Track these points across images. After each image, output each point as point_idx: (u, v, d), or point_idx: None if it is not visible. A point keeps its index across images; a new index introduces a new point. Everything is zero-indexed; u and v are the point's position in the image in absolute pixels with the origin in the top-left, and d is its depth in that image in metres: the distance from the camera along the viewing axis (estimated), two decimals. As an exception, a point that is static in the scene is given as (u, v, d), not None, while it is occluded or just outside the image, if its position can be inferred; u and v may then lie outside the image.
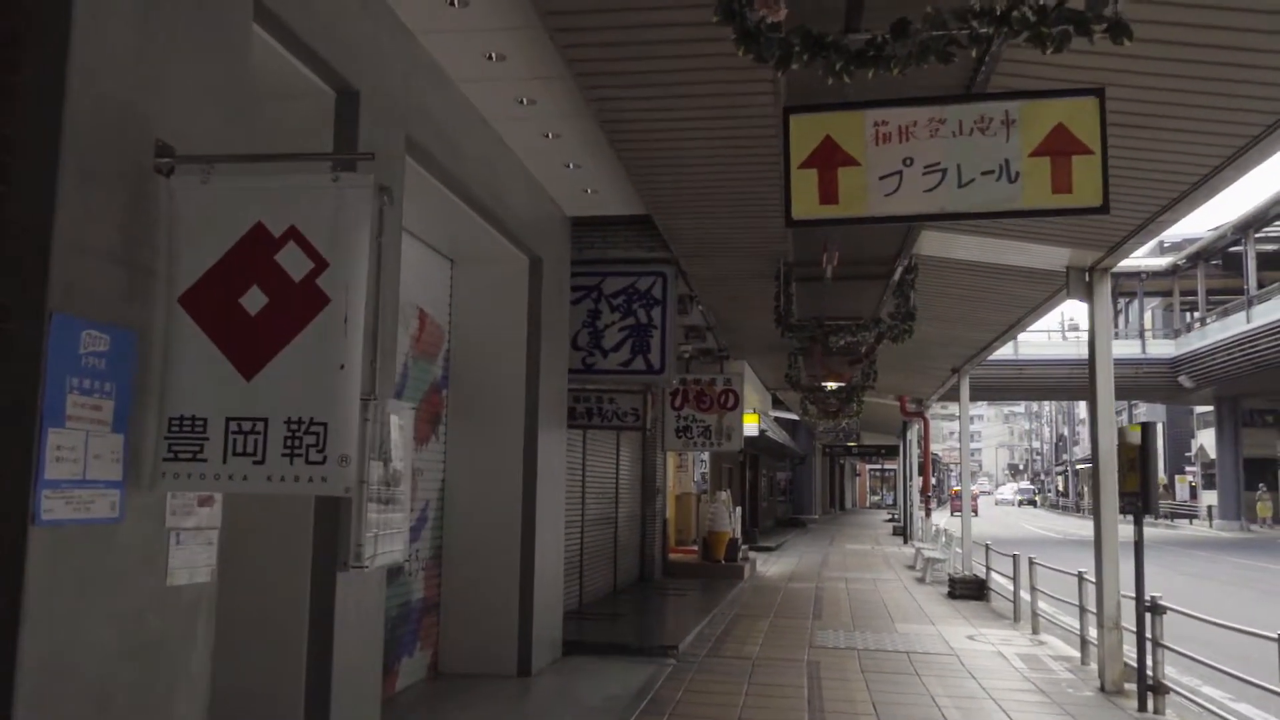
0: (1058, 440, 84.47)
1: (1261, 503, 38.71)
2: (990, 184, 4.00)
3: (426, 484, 7.81)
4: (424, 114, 5.78)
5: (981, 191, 4.01)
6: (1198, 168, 6.05)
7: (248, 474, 3.22)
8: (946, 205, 4.03)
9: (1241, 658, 8.06)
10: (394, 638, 7.19)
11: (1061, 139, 3.97)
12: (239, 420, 3.24)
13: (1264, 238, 34.92)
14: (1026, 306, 11.20)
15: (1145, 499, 7.55)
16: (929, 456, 28.10)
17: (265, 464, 3.21)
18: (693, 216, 8.10)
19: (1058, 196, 3.96)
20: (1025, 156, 4.02)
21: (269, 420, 3.24)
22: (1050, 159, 3.98)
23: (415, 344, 7.53)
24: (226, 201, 3.33)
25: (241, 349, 3.26)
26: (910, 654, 9.90)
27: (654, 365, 9.84)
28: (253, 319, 3.26)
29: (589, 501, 12.82)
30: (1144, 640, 7.69)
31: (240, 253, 3.29)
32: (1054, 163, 3.97)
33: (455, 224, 7.32)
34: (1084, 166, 3.95)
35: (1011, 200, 4.01)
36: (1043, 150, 3.99)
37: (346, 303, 3.34)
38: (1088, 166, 3.94)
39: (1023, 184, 3.98)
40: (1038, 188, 3.97)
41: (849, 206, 4.06)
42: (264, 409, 3.24)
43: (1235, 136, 5.57)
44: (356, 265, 3.36)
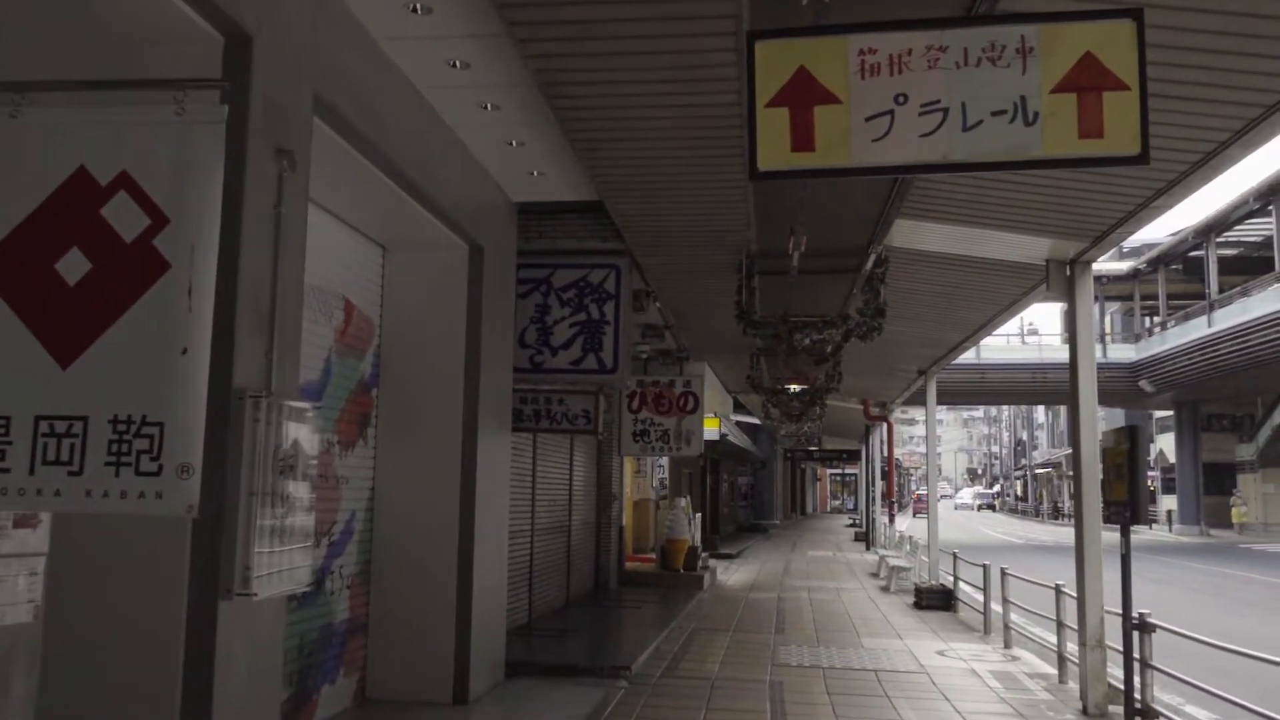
0: (1016, 445, 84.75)
1: (1236, 508, 38.53)
2: (1003, 127, 3.30)
3: (353, 492, 7.07)
4: (338, 72, 5.07)
5: (992, 136, 3.31)
6: (1205, 142, 5.46)
7: (61, 488, 2.51)
8: (949, 153, 3.33)
9: (1224, 672, 7.57)
10: (312, 664, 6.45)
11: (1091, 71, 3.28)
12: (51, 419, 2.54)
13: (1225, 242, 34.90)
14: (1001, 303, 10.64)
15: (1134, 508, 6.96)
16: (893, 461, 27.65)
17: (84, 475, 2.51)
18: (647, 200, 7.43)
19: (1086, 142, 3.26)
20: (1046, 93, 3.30)
21: (89, 419, 2.53)
22: (1077, 96, 3.29)
23: (340, 337, 6.79)
24: (40, 140, 2.62)
25: (56, 328, 2.55)
26: (878, 672, 9.29)
27: (606, 364, 9.15)
28: (71, 290, 2.55)
29: (539, 509, 12.11)
30: (1131, 660, 7.12)
31: (56, 205, 2.58)
32: (1082, 100, 3.27)
33: (384, 206, 6.60)
34: (1118, 105, 3.26)
35: (1029, 147, 3.30)
36: (1068, 85, 3.29)
37: (191, 269, 2.62)
38: (1123, 105, 3.26)
39: (1043, 127, 3.28)
40: (1062, 132, 3.27)
41: (828, 154, 3.35)
42: (83, 405, 2.53)
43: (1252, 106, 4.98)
44: (205, 222, 2.64)
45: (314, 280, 6.31)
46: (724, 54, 4.78)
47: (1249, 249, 36.04)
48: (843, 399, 20.67)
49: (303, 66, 4.63)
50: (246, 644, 4.15)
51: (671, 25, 4.62)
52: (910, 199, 7.24)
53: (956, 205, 7.47)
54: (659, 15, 4.55)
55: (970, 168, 3.49)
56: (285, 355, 4.43)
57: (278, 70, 4.37)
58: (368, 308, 7.26)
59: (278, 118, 4.35)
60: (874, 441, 30.41)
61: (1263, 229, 32.93)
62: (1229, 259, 35.67)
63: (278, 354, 4.31)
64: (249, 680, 4.20)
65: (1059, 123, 3.30)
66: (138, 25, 3.96)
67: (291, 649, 6.14)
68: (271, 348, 4.28)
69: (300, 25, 4.64)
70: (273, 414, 4.17)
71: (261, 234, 4.22)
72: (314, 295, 6.35)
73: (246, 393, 4.04)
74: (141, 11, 3.86)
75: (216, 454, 3.95)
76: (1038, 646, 10.55)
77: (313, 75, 4.74)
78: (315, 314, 6.39)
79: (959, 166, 3.42)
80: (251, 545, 4.01)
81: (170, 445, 2.58)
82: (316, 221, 6.35)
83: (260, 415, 4.08)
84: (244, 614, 4.09)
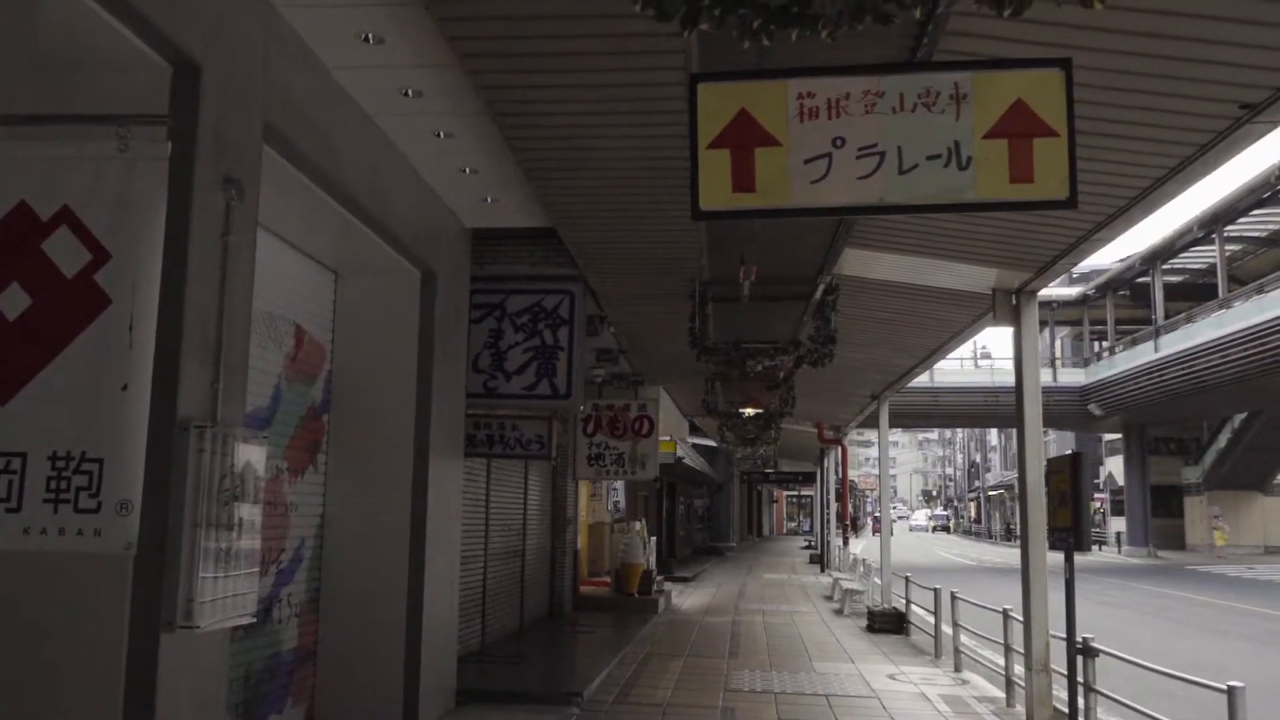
0: (970, 467, 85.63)
1: (1219, 531, 38.96)
2: (937, 170, 3.40)
3: (303, 519, 7.00)
4: (288, 101, 5.07)
5: (926, 180, 3.40)
6: (1140, 180, 5.62)
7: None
8: (885, 195, 3.42)
9: (1166, 694, 7.70)
10: (259, 694, 6.38)
11: (1021, 118, 3.38)
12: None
13: (1171, 269, 35.66)
14: (950, 331, 10.81)
15: (1078, 535, 7.08)
16: (847, 483, 27.83)
17: (22, 512, 2.50)
18: (600, 228, 7.49)
19: (1017, 186, 3.37)
20: (979, 139, 3.40)
21: (28, 455, 2.52)
22: (1008, 142, 3.38)
23: (290, 364, 6.75)
24: (-20, 174, 2.61)
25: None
26: (830, 697, 9.34)
27: (560, 390, 9.17)
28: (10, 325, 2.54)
29: (493, 534, 12.06)
30: (1075, 684, 7.23)
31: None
32: (1012, 146, 3.36)
33: (336, 232, 6.59)
34: (1048, 151, 3.36)
35: (962, 190, 3.40)
36: (999, 131, 3.39)
37: (133, 304, 2.62)
38: (1052, 151, 3.35)
39: (975, 171, 3.37)
40: (993, 176, 3.37)
41: (768, 195, 3.42)
42: (21, 441, 2.52)
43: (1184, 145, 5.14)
44: (147, 257, 2.65)
45: (264, 306, 6.28)
46: (674, 88, 4.85)
47: (1194, 276, 36.86)
48: (797, 422, 20.79)
49: (252, 95, 4.63)
50: (190, 676, 4.11)
51: (622, 60, 4.68)
52: (859, 230, 7.35)
53: (905, 236, 7.60)
54: (610, 50, 4.61)
55: (906, 210, 3.57)
56: (231, 384, 4.41)
57: (227, 99, 4.37)
58: (319, 333, 7.23)
59: (226, 146, 4.35)
60: (829, 464, 30.62)
61: (1207, 256, 33.70)
62: (1174, 285, 36.45)
63: (224, 383, 4.29)
64: (192, 713, 4.16)
65: (991, 167, 3.39)
66: (84, 54, 3.95)
67: (238, 679, 6.07)
68: (218, 377, 4.26)
69: (250, 54, 4.64)
70: (217, 444, 4.15)
71: (208, 263, 4.21)
72: (264, 321, 6.31)
73: (191, 423, 4.01)
74: (88, 40, 3.84)
75: (160, 485, 3.92)
76: (987, 670, 10.66)
77: (263, 104, 4.74)
78: (265, 340, 6.35)
79: (895, 209, 3.50)
80: (195, 576, 3.98)
81: (109, 481, 2.57)
82: (268, 247, 6.32)
83: (205, 445, 4.05)
84: (187, 645, 4.05)
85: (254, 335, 6.18)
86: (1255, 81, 4.48)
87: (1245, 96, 4.60)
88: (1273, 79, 4.41)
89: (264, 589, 6.41)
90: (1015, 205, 3.47)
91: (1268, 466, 42.34)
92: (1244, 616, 18.75)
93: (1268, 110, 4.63)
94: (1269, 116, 4.68)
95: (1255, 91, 4.56)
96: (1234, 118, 4.73)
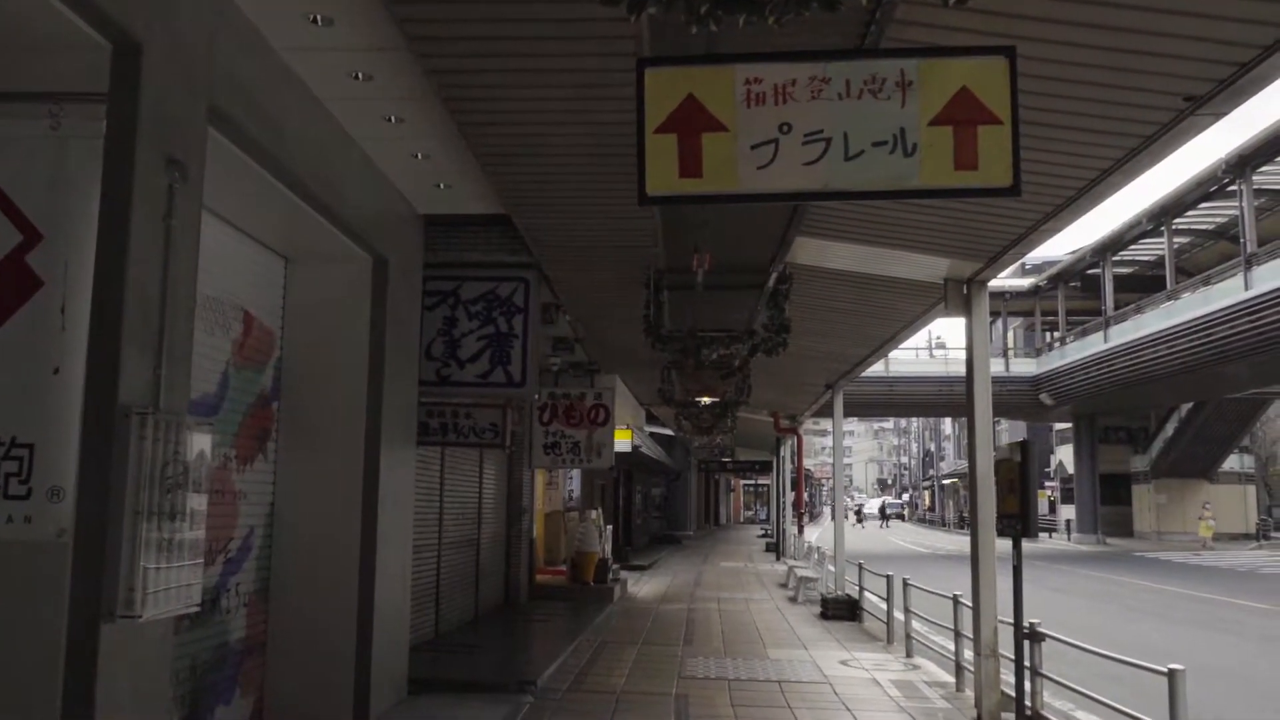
0: (925, 456, 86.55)
1: (1204, 522, 39.46)
2: (883, 157, 3.41)
3: (252, 508, 6.92)
4: (235, 83, 4.98)
5: (872, 166, 3.41)
6: (1087, 171, 5.69)
7: (-77, 512, 2.42)
8: (831, 182, 3.42)
9: (1113, 678, 7.84)
10: (206, 685, 6.29)
11: (966, 105, 3.40)
12: (-86, 441, 2.45)
13: (1120, 261, 36.18)
14: (903, 320, 10.90)
15: (1025, 522, 7.19)
16: (802, 472, 28.01)
17: (-51, 499, 2.43)
18: (554, 214, 7.45)
19: (961, 174, 3.39)
20: (924, 125, 3.41)
21: (-44, 441, 2.46)
22: (953, 129, 3.40)
23: (238, 350, 6.65)
24: (-94, 153, 2.54)
25: (-79, 346, 2.47)
26: (782, 683, 9.41)
27: (514, 378, 9.12)
28: (-63, 307, 2.48)
29: (448, 523, 11.99)
30: (1022, 669, 7.35)
31: (-77, 220, 2.50)
32: (957, 133, 3.38)
33: (286, 217, 6.50)
34: (992, 139, 3.38)
35: (907, 177, 3.41)
36: (944, 119, 3.40)
37: (65, 286, 2.56)
38: (996, 139, 3.38)
39: (920, 158, 3.39)
40: (938, 163, 3.39)
41: (715, 180, 3.42)
42: (-50, 426, 2.46)
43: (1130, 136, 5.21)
44: (81, 238, 2.60)
45: (212, 292, 6.19)
46: (624, 74, 4.81)
47: (1143, 268, 37.45)
48: (753, 411, 20.89)
49: (197, 76, 4.54)
50: (131, 668, 4.04)
51: (572, 44, 4.65)
52: (812, 218, 7.38)
53: (857, 225, 7.65)
54: (559, 35, 4.58)
55: (851, 196, 3.58)
56: (175, 370, 4.33)
57: (169, 79, 4.28)
58: (269, 320, 7.13)
59: (169, 128, 4.26)
60: (785, 453, 30.80)
61: (1155, 249, 34.25)
62: (1124, 277, 37.00)
63: (167, 369, 4.21)
64: (134, 706, 4.09)
65: (936, 154, 3.41)
66: (20, 32, 3.85)
67: (184, 670, 5.99)
68: (160, 363, 4.18)
69: (194, 34, 4.55)
70: (160, 430, 4.08)
71: (150, 246, 4.12)
72: (211, 307, 6.22)
73: (132, 409, 3.94)
74: (24, 17, 3.75)
75: (99, 472, 3.85)
76: (937, 655, 10.79)
77: (207, 85, 4.65)
78: (212, 326, 6.26)
79: (840, 195, 3.51)
80: (136, 565, 3.91)
81: (40, 467, 2.51)
82: (215, 232, 6.23)
83: (146, 432, 3.98)
84: (128, 636, 3.98)
85: (200, 321, 6.08)
86: (1199, 74, 4.55)
87: (1190, 89, 4.66)
88: (1216, 71, 4.48)
89: (211, 579, 6.34)
90: (960, 192, 3.49)
91: (1213, 455, 43.23)
92: (1190, 602, 19.15)
93: (1211, 102, 4.70)
94: (1212, 109, 4.75)
95: (1199, 84, 4.62)
96: (1178, 110, 4.80)
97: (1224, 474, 44.85)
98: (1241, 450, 45.64)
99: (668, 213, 7.31)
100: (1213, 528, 39.18)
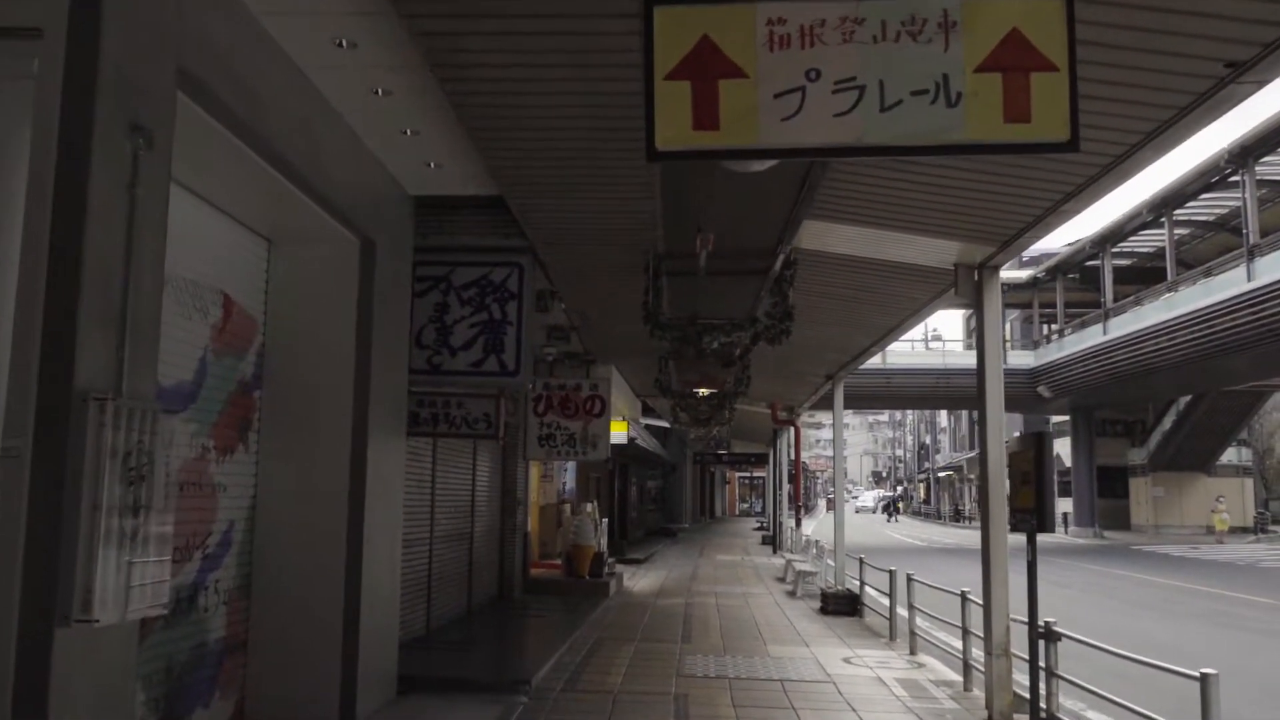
0: (920, 449, 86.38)
1: (1218, 515, 39.16)
2: (923, 107, 3.05)
3: (232, 501, 6.59)
4: (207, 44, 4.65)
5: (911, 117, 3.05)
6: (1115, 146, 5.35)
7: None
8: (864, 135, 3.07)
9: (1120, 675, 7.56)
10: (182, 687, 5.97)
11: (1017, 50, 3.05)
12: None
13: (1120, 252, 35.93)
14: (910, 308, 10.58)
15: (1041, 516, 6.88)
16: (800, 465, 27.73)
17: None
18: (549, 195, 7.11)
19: (1012, 127, 3.03)
20: (969, 72, 3.07)
21: None
22: (1002, 76, 3.06)
23: (217, 336, 6.32)
24: None
25: None
26: (784, 682, 9.11)
27: (508, 366, 8.80)
28: None
29: (439, 516, 11.67)
30: (1037, 669, 7.05)
31: None
32: (1007, 81, 3.04)
33: (268, 196, 6.16)
34: (1046, 87, 3.04)
35: (950, 130, 3.05)
36: (992, 64, 3.06)
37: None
38: (1051, 87, 3.03)
39: (965, 108, 3.03)
40: (985, 114, 3.03)
41: (734, 134, 3.05)
42: None
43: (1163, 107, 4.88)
44: (11, 195, 2.25)
45: (189, 274, 5.87)
46: (626, 37, 4.50)
47: (1142, 259, 37.19)
48: (751, 403, 20.59)
49: (164, 34, 4.20)
50: (89, 677, 3.71)
51: (569, 4, 4.32)
52: (820, 199, 7.06)
53: (866, 206, 7.32)
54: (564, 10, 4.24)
55: (887, 151, 3.24)
56: (141, 352, 4.00)
57: (132, 35, 3.93)
58: (250, 304, 6.80)
59: (133, 89, 3.92)
60: (781, 445, 30.53)
61: (1155, 240, 33.99)
62: (1123, 269, 36.75)
63: (131, 350, 3.89)
64: (92, 715, 3.76)
65: (983, 104, 3.07)
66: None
67: (158, 672, 5.68)
68: (123, 344, 3.86)
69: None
70: (122, 417, 3.75)
71: (112, 216, 3.79)
72: (188, 289, 5.90)
73: (90, 394, 3.61)
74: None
75: (54, 462, 3.53)
76: (942, 652, 10.51)
77: (176, 45, 4.31)
78: (189, 310, 5.93)
79: (875, 150, 3.17)
80: (94, 565, 3.59)
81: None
82: (193, 211, 5.91)
83: (106, 419, 3.66)
84: (86, 642, 3.66)
85: (177, 304, 5.77)
86: (1243, 36, 4.21)
87: (1231, 53, 4.33)
88: (1262, 33, 4.15)
89: (189, 575, 6.03)
90: (1010, 148, 3.14)
91: (1211, 448, 43.03)
92: (1192, 596, 18.90)
93: (1254, 69, 4.38)
94: (1255, 75, 4.42)
95: (1242, 48, 4.29)
96: (1218, 77, 4.47)
97: (1222, 467, 44.64)
98: (1239, 443, 45.44)
99: (669, 193, 6.98)
100: (1227, 521, 38.95)
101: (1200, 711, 5.15)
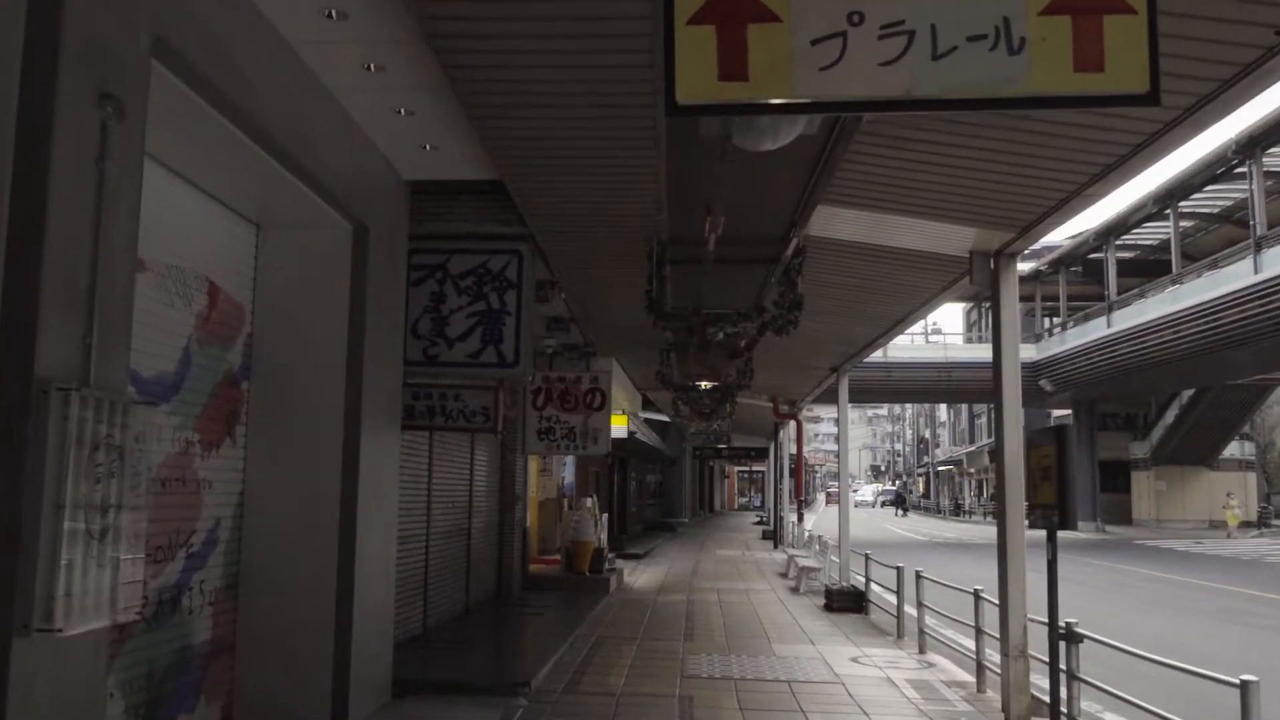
0: (919, 443, 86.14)
1: (1229, 511, 38.87)
2: (981, 55, 2.70)
3: (218, 498, 6.30)
4: (184, 11, 4.35)
5: (968, 66, 2.71)
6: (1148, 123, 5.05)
7: None
8: (914, 87, 2.71)
9: (1138, 675, 7.30)
10: (166, 692, 5.69)
11: None
12: None
13: (1124, 245, 35.60)
14: (920, 298, 10.28)
15: (1063, 512, 6.59)
16: (801, 459, 27.48)
17: None
18: (551, 178, 6.81)
19: (1082, 77, 2.68)
20: (1034, 15, 2.72)
21: None
22: (1072, 19, 2.72)
23: (202, 325, 6.03)
24: None
25: None
26: (792, 683, 8.84)
27: (507, 357, 8.51)
28: None
29: (436, 512, 11.38)
30: (1057, 672, 6.77)
31: None
32: (1077, 25, 2.71)
33: (256, 178, 5.87)
34: (1121, 31, 2.71)
35: (1013, 81, 2.70)
36: (1060, 6, 2.71)
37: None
38: (1126, 32, 2.70)
39: (1030, 56, 2.68)
40: (1052, 63, 2.68)
41: (764, 85, 2.70)
42: None
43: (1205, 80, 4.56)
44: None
45: (170, 259, 5.59)
46: (635, 4, 4.21)
47: (1146, 252, 36.87)
48: (753, 396, 20.31)
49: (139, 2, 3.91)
50: (51, 690, 3.42)
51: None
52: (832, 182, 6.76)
53: (880, 190, 7.02)
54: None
55: (941, 105, 2.89)
56: (110, 339, 3.72)
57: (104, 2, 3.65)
58: (237, 292, 6.50)
59: (101, 56, 3.63)
60: (782, 439, 30.26)
61: (1159, 232, 33.68)
62: (1127, 262, 36.43)
63: (99, 337, 3.60)
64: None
65: (1050, 51, 2.72)
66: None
67: (139, 677, 5.40)
68: (91, 330, 3.57)
69: (134, -51, 3.92)
70: (89, 409, 3.46)
71: (78, 192, 3.51)
72: (170, 275, 5.61)
73: (53, 384, 3.33)
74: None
75: (13, 457, 3.25)
76: (952, 651, 10.24)
77: (150, 10, 4.02)
78: (171, 296, 5.64)
79: (927, 104, 2.82)
80: (57, 571, 3.31)
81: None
82: (176, 193, 5.63)
83: (71, 411, 3.37)
84: (48, 653, 3.37)
85: (158, 290, 5.48)
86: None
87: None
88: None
89: (171, 576, 5.75)
90: (1081, 100, 2.83)
91: (1214, 442, 42.81)
92: (1199, 592, 18.65)
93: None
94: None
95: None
96: (1268, 46, 4.17)
97: (1224, 461, 44.45)
98: (1242, 437, 45.21)
99: (674, 176, 6.68)
100: (1239, 516, 38.63)
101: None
